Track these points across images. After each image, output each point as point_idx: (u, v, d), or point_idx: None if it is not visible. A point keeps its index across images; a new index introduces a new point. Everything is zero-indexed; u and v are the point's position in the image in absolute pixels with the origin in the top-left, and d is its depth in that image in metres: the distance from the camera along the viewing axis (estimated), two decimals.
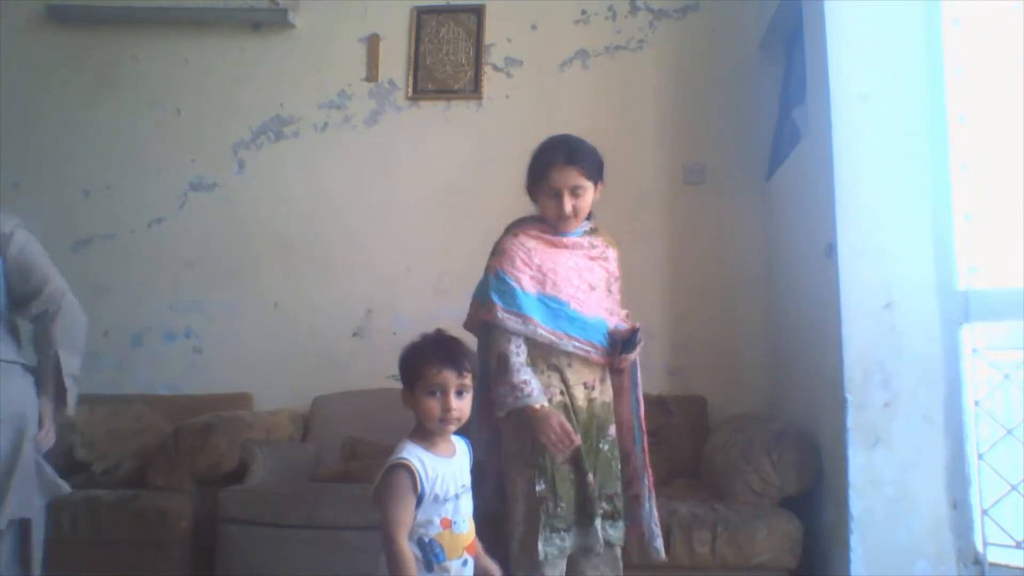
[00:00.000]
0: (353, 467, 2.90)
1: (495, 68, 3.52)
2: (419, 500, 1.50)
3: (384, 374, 3.38)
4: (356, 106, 3.56)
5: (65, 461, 2.81)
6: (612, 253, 2.14)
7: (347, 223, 3.49)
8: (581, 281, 2.02)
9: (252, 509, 2.55)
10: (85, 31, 3.66)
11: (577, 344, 1.97)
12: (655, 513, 2.03)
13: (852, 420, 2.22)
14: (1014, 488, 2.14)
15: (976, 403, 2.22)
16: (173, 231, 3.54)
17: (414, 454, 1.53)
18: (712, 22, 3.43)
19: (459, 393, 1.57)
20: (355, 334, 3.43)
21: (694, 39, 3.43)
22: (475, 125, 3.50)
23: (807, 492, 2.41)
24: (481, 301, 2.02)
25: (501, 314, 1.95)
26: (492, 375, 1.97)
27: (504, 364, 1.93)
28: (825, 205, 2.35)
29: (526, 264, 1.99)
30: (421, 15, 3.56)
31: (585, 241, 2.09)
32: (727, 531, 2.30)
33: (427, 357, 1.59)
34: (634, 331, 2.00)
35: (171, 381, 3.41)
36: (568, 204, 2.00)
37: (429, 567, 1.50)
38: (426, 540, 1.51)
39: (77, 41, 3.66)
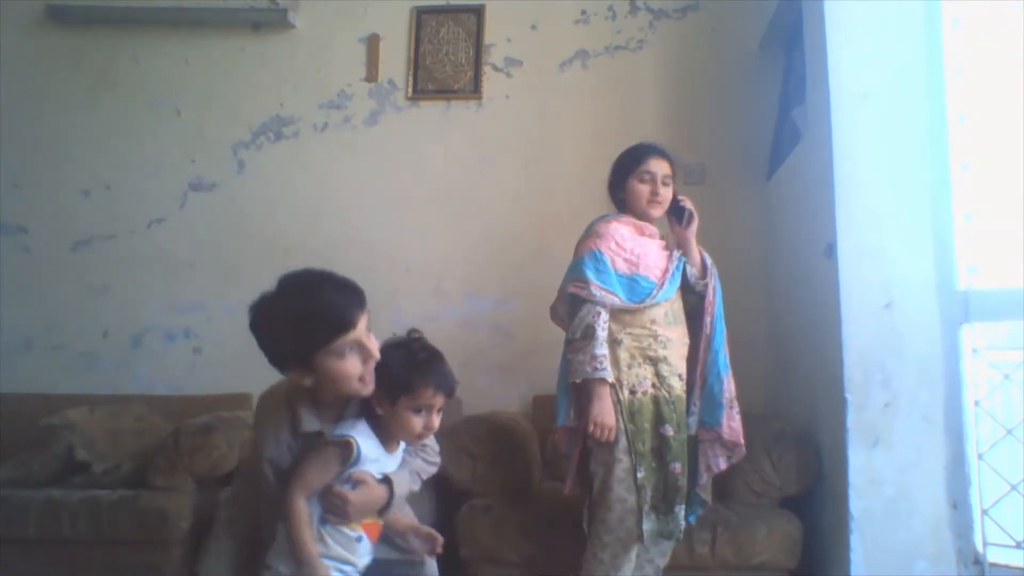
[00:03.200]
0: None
1: (495, 68, 3.52)
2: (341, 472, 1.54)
3: None
4: (356, 106, 3.56)
5: (65, 461, 2.81)
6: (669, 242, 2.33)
7: (347, 223, 3.49)
8: (665, 266, 2.20)
9: None
10: (85, 31, 3.66)
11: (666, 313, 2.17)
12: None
13: (852, 420, 2.22)
14: (1014, 488, 2.14)
15: (976, 403, 2.22)
16: (173, 231, 3.54)
17: (370, 444, 1.56)
18: (712, 22, 3.43)
19: (439, 411, 1.60)
20: None
21: (694, 39, 3.43)
22: (475, 125, 3.50)
23: (807, 492, 2.41)
24: (575, 278, 2.14)
25: (596, 290, 2.09)
26: (573, 344, 2.10)
27: (590, 336, 2.07)
28: (825, 205, 2.35)
29: (620, 246, 2.16)
30: (421, 15, 3.56)
31: (658, 232, 2.29)
32: (727, 531, 2.30)
33: (425, 378, 1.58)
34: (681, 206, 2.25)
35: (171, 381, 3.41)
36: (660, 189, 2.22)
37: (323, 521, 1.53)
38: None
39: (77, 41, 3.66)
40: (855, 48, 2.35)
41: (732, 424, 2.19)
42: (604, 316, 2.10)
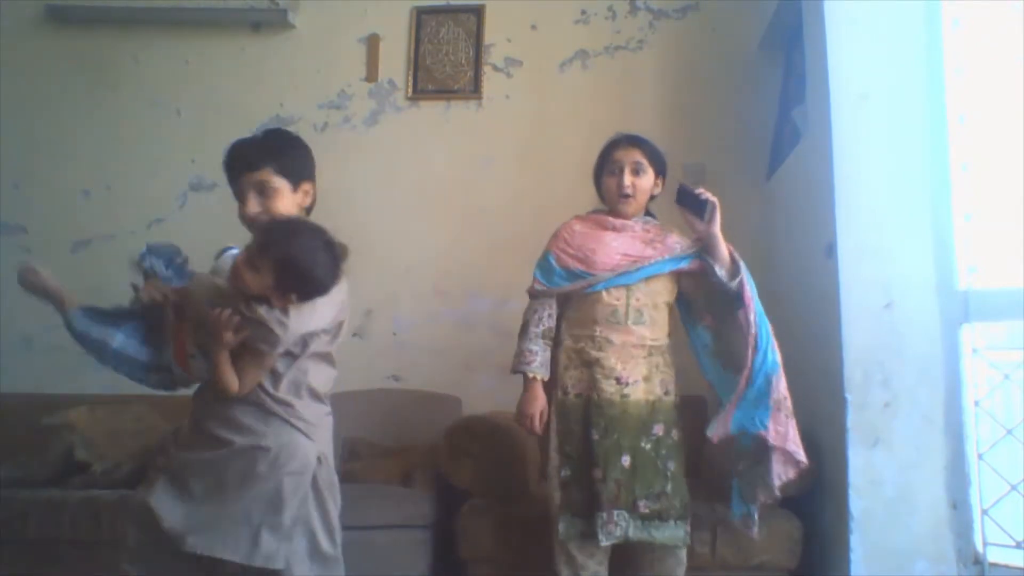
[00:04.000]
0: (353, 467, 2.90)
1: (495, 68, 3.52)
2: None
3: (384, 374, 3.39)
4: (356, 106, 3.55)
5: (65, 461, 2.81)
6: (675, 237, 2.18)
7: (346, 223, 3.42)
8: (623, 258, 2.11)
9: None
10: (85, 31, 3.66)
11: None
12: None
13: (852, 420, 2.22)
14: (1014, 488, 2.14)
15: (976, 403, 2.22)
16: (173, 231, 3.53)
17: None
18: (712, 22, 3.43)
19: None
20: (355, 334, 3.43)
21: (694, 39, 3.43)
22: (475, 125, 3.50)
23: (807, 492, 2.41)
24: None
25: (536, 287, 2.15)
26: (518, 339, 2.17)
27: (523, 331, 2.18)
28: (825, 205, 2.35)
29: (567, 243, 2.16)
30: (421, 15, 3.56)
31: (638, 225, 2.17)
32: (727, 531, 2.29)
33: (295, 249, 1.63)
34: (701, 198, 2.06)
35: None
36: (628, 178, 2.13)
37: None
38: None
39: (77, 41, 3.66)
40: (855, 48, 2.35)
41: (779, 428, 2.05)
42: (540, 313, 2.15)
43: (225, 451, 1.65)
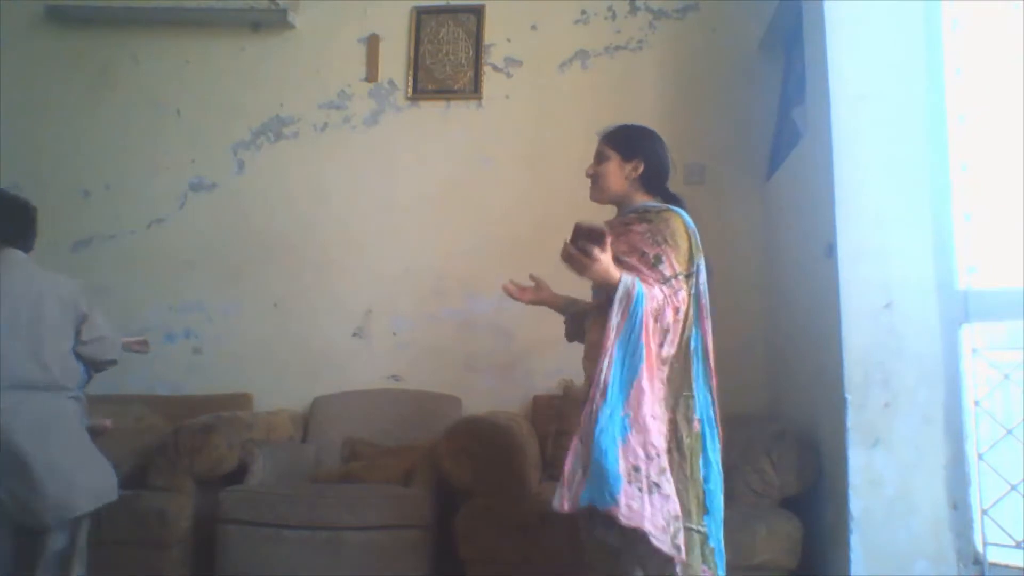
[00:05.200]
0: (353, 467, 2.91)
1: (495, 68, 3.52)
2: None
3: (384, 374, 3.39)
4: (356, 106, 3.56)
5: None
6: (639, 227, 1.93)
7: (347, 223, 3.50)
8: None
9: (252, 509, 2.55)
10: (85, 31, 3.67)
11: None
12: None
13: (852, 420, 2.22)
14: (1014, 488, 2.14)
15: (976, 403, 2.22)
16: (173, 231, 3.54)
17: None
18: (712, 22, 3.43)
19: None
20: (355, 334, 3.43)
21: (694, 39, 3.44)
22: (475, 125, 3.50)
23: (807, 492, 2.41)
24: None
25: None
26: None
27: None
28: (825, 205, 2.35)
29: None
30: (421, 15, 3.57)
31: (616, 220, 2.06)
32: (727, 531, 2.28)
33: None
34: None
35: (171, 381, 3.41)
36: (589, 168, 2.08)
37: None
38: None
39: (77, 41, 3.67)
40: (855, 48, 2.35)
41: (632, 503, 1.65)
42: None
43: None
